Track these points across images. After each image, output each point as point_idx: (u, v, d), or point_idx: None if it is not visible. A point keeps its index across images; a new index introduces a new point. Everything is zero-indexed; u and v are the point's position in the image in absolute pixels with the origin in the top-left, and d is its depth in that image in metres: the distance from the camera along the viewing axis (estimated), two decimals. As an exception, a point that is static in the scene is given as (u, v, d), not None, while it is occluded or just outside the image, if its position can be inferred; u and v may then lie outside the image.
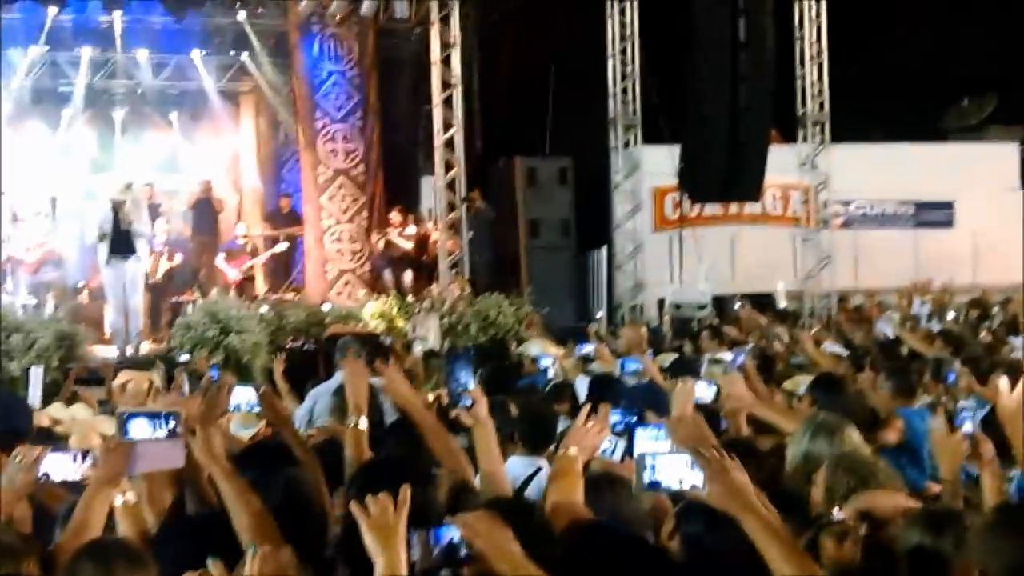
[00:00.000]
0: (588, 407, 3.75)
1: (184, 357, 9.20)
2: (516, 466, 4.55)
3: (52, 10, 14.56)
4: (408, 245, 15.36)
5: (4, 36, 14.91)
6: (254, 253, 15.57)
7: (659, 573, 3.05)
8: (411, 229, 15.50)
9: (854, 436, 4.09)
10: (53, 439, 4.87)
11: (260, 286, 15.43)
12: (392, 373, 4.13)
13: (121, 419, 3.13)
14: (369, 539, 2.57)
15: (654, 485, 2.81)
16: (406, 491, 2.63)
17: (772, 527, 2.67)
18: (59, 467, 3.47)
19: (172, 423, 3.09)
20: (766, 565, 2.63)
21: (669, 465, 2.78)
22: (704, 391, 5.06)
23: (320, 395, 6.43)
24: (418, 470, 3.21)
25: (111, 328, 12.39)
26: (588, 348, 8.47)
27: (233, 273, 14.99)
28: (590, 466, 3.67)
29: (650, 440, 3.55)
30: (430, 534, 2.68)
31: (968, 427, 3.79)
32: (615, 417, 4.06)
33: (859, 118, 15.78)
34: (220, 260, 15.16)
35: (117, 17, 15.06)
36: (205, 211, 15.78)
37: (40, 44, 15.15)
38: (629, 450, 3.64)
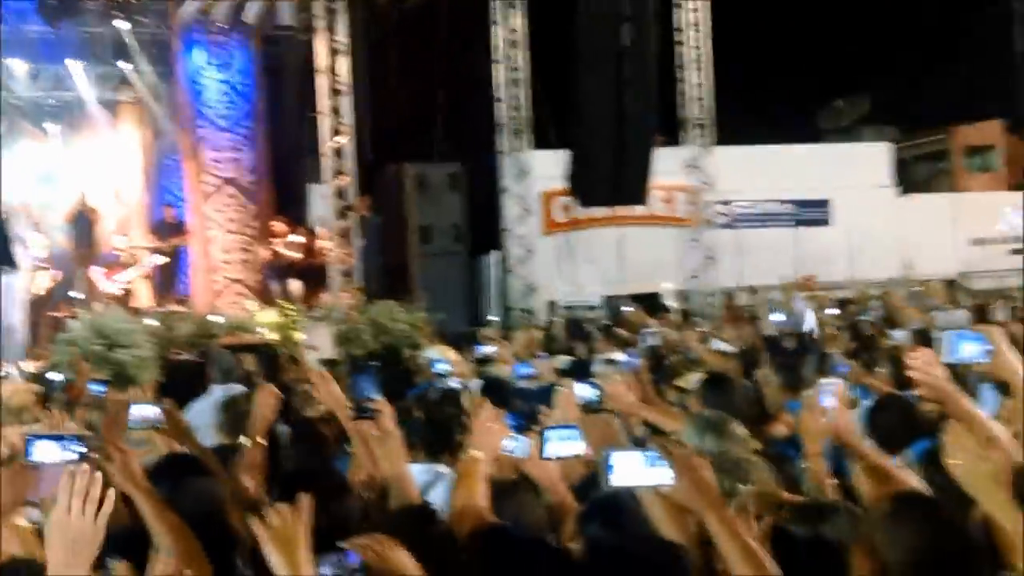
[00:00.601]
0: (483, 401, 3.77)
1: (56, 376, 8.74)
2: (417, 474, 4.58)
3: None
4: (294, 254, 15.21)
5: None
6: (132, 265, 15.17)
7: (561, 574, 3.08)
8: (297, 238, 15.36)
9: (740, 431, 4.20)
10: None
11: (144, 299, 15.05)
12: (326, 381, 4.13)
13: (25, 440, 3.05)
14: (270, 552, 2.52)
15: (620, 485, 2.80)
16: (306, 501, 2.62)
17: (734, 526, 2.67)
18: None
19: (80, 446, 3.02)
20: (668, 565, 2.68)
21: (627, 463, 2.79)
22: (587, 392, 5.12)
23: (200, 410, 6.26)
24: (330, 481, 3.22)
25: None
26: (485, 350, 8.51)
27: (110, 286, 14.57)
28: (500, 465, 3.69)
29: (561, 441, 3.59)
30: (342, 557, 2.69)
31: (830, 401, 3.85)
32: (507, 423, 4.10)
33: (741, 120, 16.20)
34: (96, 273, 14.69)
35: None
36: (82, 224, 15.31)
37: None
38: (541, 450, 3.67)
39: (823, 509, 3.22)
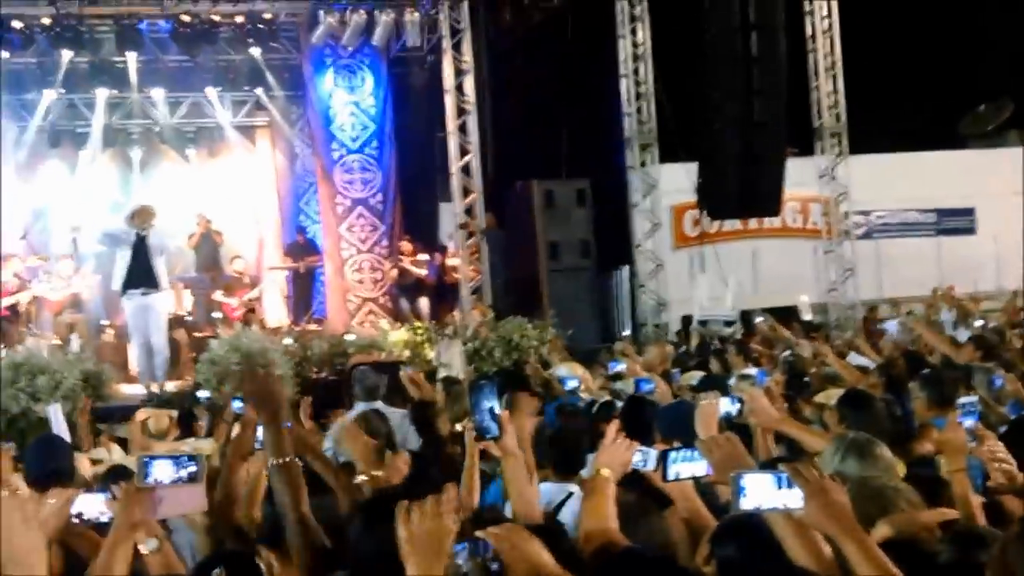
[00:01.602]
0: (615, 423, 3.69)
1: (203, 394, 9.11)
2: (548, 492, 4.50)
3: (67, 53, 14.73)
4: (421, 272, 15.35)
5: (21, 79, 15.10)
6: (253, 285, 15.50)
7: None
8: (424, 256, 15.50)
9: (886, 454, 4.00)
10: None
11: (269, 319, 15.33)
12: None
13: (141, 462, 3.08)
14: (410, 553, 2.49)
15: (750, 508, 2.72)
16: (452, 489, 2.58)
17: (873, 552, 2.57)
18: (93, 508, 3.37)
19: (195, 466, 3.04)
20: None
21: (758, 485, 2.70)
22: (728, 406, 4.99)
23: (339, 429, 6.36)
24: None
25: (136, 366, 12.39)
26: (619, 367, 8.40)
27: (235, 306, 14.88)
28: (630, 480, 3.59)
29: (684, 463, 3.49)
30: (476, 546, 2.66)
31: (969, 423, 3.71)
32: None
33: (876, 128, 15.73)
34: (218, 294, 15.00)
35: (131, 57, 15.20)
36: (208, 247, 15.70)
37: (56, 86, 15.32)
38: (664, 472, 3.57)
39: (971, 534, 3.04)
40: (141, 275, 11.37)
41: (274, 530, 3.55)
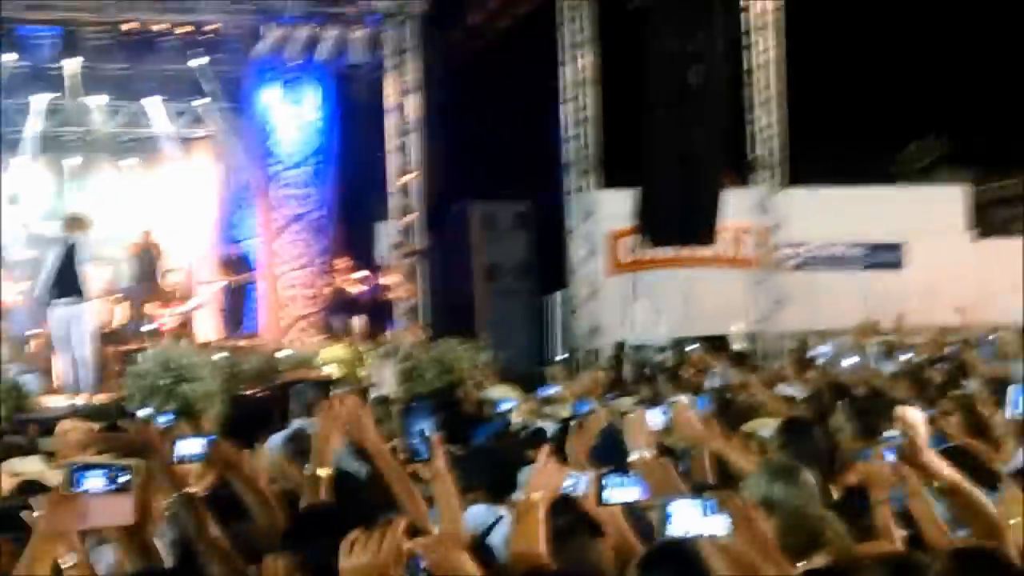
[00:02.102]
0: (546, 447, 3.69)
1: (143, 412, 8.94)
2: (478, 515, 4.50)
3: (6, 57, 14.47)
4: (356, 290, 15.28)
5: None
6: (187, 298, 15.31)
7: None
8: (360, 274, 15.43)
9: (810, 480, 4.06)
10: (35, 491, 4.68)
11: (203, 333, 15.13)
12: (363, 416, 4.04)
13: (71, 469, 3.01)
14: None
15: (677, 535, 2.74)
16: (402, 521, 2.57)
17: None
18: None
19: (127, 476, 2.98)
20: None
21: (685, 512, 2.73)
22: (656, 418, 5.00)
23: (278, 444, 6.30)
24: (358, 518, 3.15)
25: (66, 376, 12.13)
26: (551, 391, 8.43)
27: (166, 319, 14.66)
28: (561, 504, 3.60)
29: (619, 488, 3.51)
30: (412, 561, 2.67)
31: (890, 457, 3.81)
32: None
33: (812, 161, 16.01)
34: (151, 307, 14.78)
35: (70, 63, 14.96)
36: (146, 259, 15.48)
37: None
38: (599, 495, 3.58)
39: (905, 563, 3.10)
40: (68, 284, 11.16)
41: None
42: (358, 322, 14.85)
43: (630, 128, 14.61)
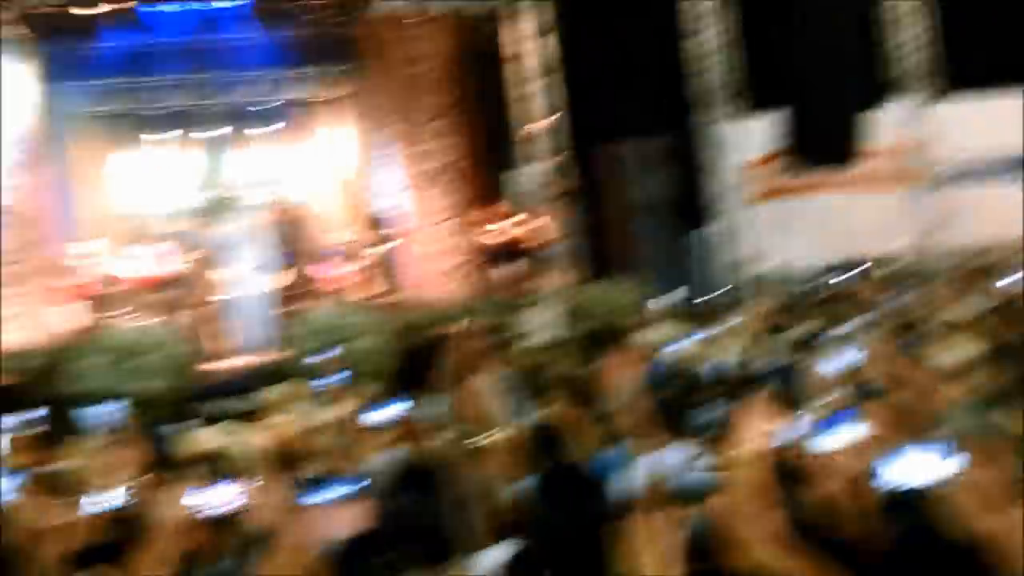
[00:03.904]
0: (765, 394, 3.60)
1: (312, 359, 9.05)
2: (673, 455, 4.46)
3: (144, 35, 14.88)
4: (505, 238, 15.28)
5: (92, 66, 15.29)
6: (350, 258, 15.60)
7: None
8: (506, 222, 15.44)
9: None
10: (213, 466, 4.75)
11: (365, 292, 15.43)
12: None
13: (302, 484, 3.02)
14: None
15: (904, 482, 2.60)
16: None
17: None
18: (207, 500, 3.29)
19: (355, 485, 2.98)
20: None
21: (901, 461, 2.59)
22: (842, 362, 4.84)
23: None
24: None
25: (235, 340, 12.52)
26: (718, 329, 8.30)
27: (331, 281, 14.98)
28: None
29: (837, 428, 3.36)
30: None
31: None
32: None
33: (971, 70, 15.20)
34: (316, 269, 15.17)
35: (209, 37, 15.28)
36: (293, 223, 15.86)
37: (134, 68, 15.49)
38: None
39: None
40: (239, 253, 11.56)
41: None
42: (513, 269, 14.87)
43: (770, 53, 14.16)
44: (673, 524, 2.81)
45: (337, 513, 2.93)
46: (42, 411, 5.04)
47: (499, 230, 15.27)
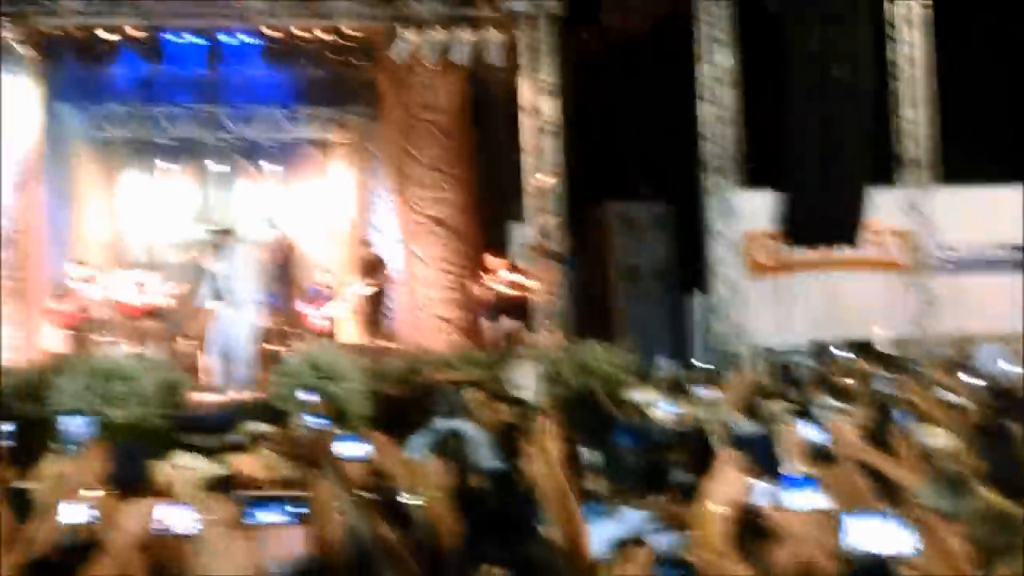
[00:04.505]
0: (730, 454, 3.58)
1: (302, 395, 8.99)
2: (631, 519, 4.45)
3: (150, 65, 15.01)
4: (509, 291, 15.26)
5: (101, 90, 15.41)
6: (343, 299, 15.55)
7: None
8: (505, 275, 15.43)
9: (982, 492, 3.84)
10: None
11: (348, 334, 15.37)
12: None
13: (243, 503, 2.99)
14: None
15: (858, 550, 2.61)
16: None
17: None
18: (176, 518, 3.22)
19: (301, 508, 2.96)
20: None
21: (865, 526, 2.60)
22: (812, 434, 4.84)
23: (420, 444, 6.29)
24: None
25: (213, 375, 12.47)
26: (704, 394, 8.28)
27: (315, 320, 14.93)
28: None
29: (800, 492, 3.37)
30: None
31: None
32: None
33: (966, 160, 15.37)
34: (302, 306, 15.11)
35: (213, 70, 15.41)
36: (289, 260, 15.86)
37: (137, 97, 15.61)
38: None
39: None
40: (225, 288, 11.53)
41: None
42: (510, 324, 14.82)
43: (770, 127, 14.29)
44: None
45: (279, 536, 2.92)
46: (9, 426, 4.98)
47: (497, 283, 15.26)
